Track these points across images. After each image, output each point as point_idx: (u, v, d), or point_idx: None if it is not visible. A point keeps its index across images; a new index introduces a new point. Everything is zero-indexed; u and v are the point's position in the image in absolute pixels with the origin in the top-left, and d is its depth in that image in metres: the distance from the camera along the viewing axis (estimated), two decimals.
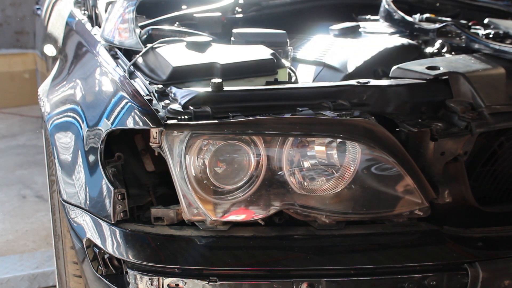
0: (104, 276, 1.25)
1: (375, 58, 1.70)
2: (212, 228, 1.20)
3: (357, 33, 1.94)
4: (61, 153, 1.49)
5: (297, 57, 1.85)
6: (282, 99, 1.26)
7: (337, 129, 1.18)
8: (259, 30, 1.76)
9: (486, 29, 2.07)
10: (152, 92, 1.27)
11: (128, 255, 1.17)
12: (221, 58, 1.43)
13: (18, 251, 2.78)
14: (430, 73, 1.34)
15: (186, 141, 1.16)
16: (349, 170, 1.20)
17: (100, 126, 1.32)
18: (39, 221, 3.10)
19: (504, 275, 1.19)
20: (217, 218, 1.19)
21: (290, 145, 1.19)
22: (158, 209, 1.25)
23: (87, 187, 1.31)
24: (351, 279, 1.16)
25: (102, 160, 1.26)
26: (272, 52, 1.51)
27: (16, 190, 3.54)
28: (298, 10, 2.34)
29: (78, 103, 1.55)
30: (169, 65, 1.39)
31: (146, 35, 1.71)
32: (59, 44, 2.33)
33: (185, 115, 1.16)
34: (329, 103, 1.24)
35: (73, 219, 1.35)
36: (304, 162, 1.21)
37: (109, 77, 1.47)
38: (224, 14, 2.07)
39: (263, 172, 1.19)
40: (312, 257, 1.17)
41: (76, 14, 2.26)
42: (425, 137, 1.24)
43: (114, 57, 1.59)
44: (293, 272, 1.16)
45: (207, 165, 1.17)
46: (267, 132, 1.16)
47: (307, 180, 1.21)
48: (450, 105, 1.29)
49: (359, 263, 1.18)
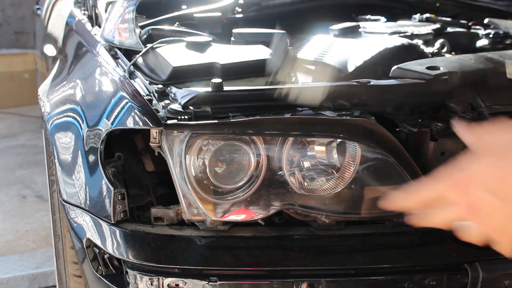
0: (104, 276, 1.25)
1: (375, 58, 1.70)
2: (212, 228, 1.20)
3: (357, 33, 1.94)
4: (61, 153, 1.49)
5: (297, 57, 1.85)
6: (282, 99, 1.26)
7: (337, 129, 1.18)
8: (259, 30, 1.76)
9: (486, 29, 2.07)
10: (152, 92, 1.27)
11: (128, 255, 1.17)
12: (221, 58, 1.43)
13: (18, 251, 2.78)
14: (430, 73, 1.34)
15: (186, 141, 1.16)
16: (349, 170, 1.20)
17: (100, 126, 1.32)
18: (39, 221, 3.10)
19: (504, 275, 1.19)
20: (217, 218, 1.19)
21: (290, 145, 1.19)
22: (158, 209, 1.25)
23: (87, 187, 1.31)
24: (351, 279, 1.16)
25: (102, 160, 1.26)
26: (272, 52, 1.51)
27: (16, 190, 3.54)
28: (298, 10, 2.34)
29: (78, 103, 1.55)
30: (169, 65, 1.39)
31: (146, 35, 1.71)
32: (59, 44, 2.34)
33: (185, 115, 1.16)
34: (329, 103, 1.24)
35: (73, 219, 1.35)
36: (304, 162, 1.21)
37: (109, 77, 1.47)
38: (224, 14, 2.07)
39: (263, 172, 1.19)
40: (312, 257, 1.17)
41: (76, 14, 2.26)
42: (425, 137, 1.24)
43: (114, 57, 1.59)
44: (293, 272, 1.16)
45: (207, 165, 1.17)
46: (267, 132, 1.16)
47: (307, 180, 1.21)
48: (450, 105, 1.29)
49: (359, 263, 1.18)
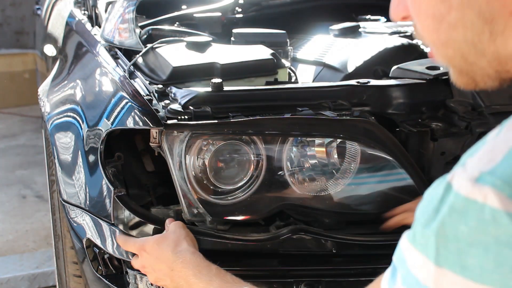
0: (104, 276, 1.25)
1: (375, 58, 1.70)
2: (212, 228, 1.20)
3: (357, 33, 1.94)
4: (61, 153, 1.49)
5: (297, 57, 1.85)
6: (282, 99, 1.26)
7: (337, 129, 1.18)
8: (259, 30, 1.76)
9: None
10: (152, 92, 1.27)
11: (128, 255, 1.17)
12: (221, 58, 1.43)
13: (18, 251, 2.78)
14: (430, 73, 1.34)
15: (186, 141, 1.16)
16: (349, 170, 1.20)
17: (100, 126, 1.32)
18: (39, 221, 3.10)
19: None
20: (217, 218, 1.19)
21: (290, 145, 1.19)
22: (158, 209, 1.25)
23: (87, 187, 1.31)
24: (351, 279, 1.16)
25: (102, 160, 1.26)
26: (272, 52, 1.51)
27: (16, 190, 3.54)
28: (298, 10, 2.34)
29: (78, 103, 1.55)
30: (169, 65, 1.39)
31: (146, 35, 1.71)
32: (59, 44, 2.34)
33: (185, 115, 1.16)
34: (329, 103, 1.24)
35: (73, 219, 1.35)
36: (304, 162, 1.21)
37: (109, 77, 1.47)
38: (224, 14, 2.07)
39: (263, 172, 1.19)
40: (312, 257, 1.17)
41: (76, 14, 2.26)
42: (425, 137, 1.24)
43: (114, 57, 1.59)
44: (293, 272, 1.16)
45: (207, 165, 1.17)
46: (267, 132, 1.16)
47: (307, 180, 1.21)
48: (450, 105, 1.29)
49: (359, 263, 1.18)
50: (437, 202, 0.49)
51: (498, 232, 0.45)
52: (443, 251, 0.48)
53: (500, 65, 0.57)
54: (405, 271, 0.53)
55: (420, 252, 0.50)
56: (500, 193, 0.44)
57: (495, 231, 0.45)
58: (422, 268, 0.50)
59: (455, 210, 0.47)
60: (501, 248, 0.45)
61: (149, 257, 1.07)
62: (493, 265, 0.45)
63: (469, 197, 0.46)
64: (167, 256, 1.03)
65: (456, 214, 0.47)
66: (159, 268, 1.05)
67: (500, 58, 0.56)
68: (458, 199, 0.47)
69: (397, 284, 0.54)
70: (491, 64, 0.57)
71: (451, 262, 0.48)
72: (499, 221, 0.45)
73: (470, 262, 0.46)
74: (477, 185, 0.46)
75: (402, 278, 0.54)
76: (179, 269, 1.01)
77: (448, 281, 0.48)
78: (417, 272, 0.51)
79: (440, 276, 0.49)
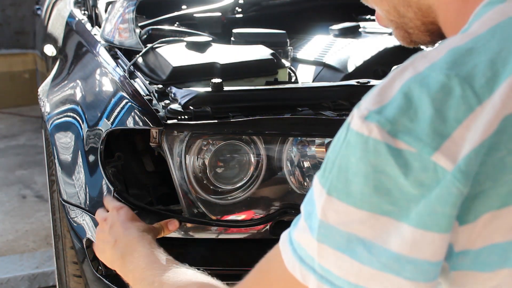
0: (104, 276, 1.25)
1: (375, 58, 1.70)
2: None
3: (357, 33, 1.94)
4: (61, 153, 1.49)
5: (297, 57, 1.85)
6: (282, 99, 1.26)
7: (337, 129, 1.17)
8: (259, 30, 1.76)
9: None
10: (152, 92, 1.27)
11: None
12: (221, 58, 1.43)
13: (18, 251, 2.78)
14: None
15: (186, 141, 1.16)
16: None
17: (100, 126, 1.32)
18: (39, 221, 3.10)
19: None
20: (217, 218, 1.19)
21: (290, 145, 1.19)
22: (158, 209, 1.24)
23: (87, 187, 1.31)
24: None
25: (102, 160, 1.26)
26: (272, 52, 1.51)
27: (16, 190, 3.54)
28: (298, 10, 2.34)
29: (78, 103, 1.55)
30: (169, 65, 1.39)
31: (146, 35, 1.71)
32: (59, 44, 2.34)
33: (185, 115, 1.16)
34: (329, 103, 1.24)
35: (73, 219, 1.35)
36: (304, 162, 1.21)
37: (109, 77, 1.47)
38: (224, 14, 2.07)
39: (263, 172, 1.19)
40: None
41: (76, 14, 2.26)
42: None
43: (114, 57, 1.59)
44: None
45: (207, 165, 1.17)
46: (267, 132, 1.16)
47: (307, 180, 1.21)
48: None
49: None
50: (341, 139, 0.55)
51: (376, 161, 0.50)
52: (335, 181, 0.53)
53: (423, 16, 0.63)
54: (311, 206, 0.57)
55: (321, 185, 0.55)
56: (382, 129, 0.50)
57: (374, 160, 0.50)
58: (319, 198, 0.55)
59: (349, 144, 0.53)
60: (378, 175, 0.50)
61: (117, 221, 1.03)
62: (371, 191, 0.51)
63: (358, 131, 0.52)
64: (131, 231, 1.00)
65: (349, 147, 0.53)
66: (115, 233, 1.01)
67: (422, 8, 0.63)
68: (352, 134, 0.53)
69: (301, 219, 0.58)
70: (416, 14, 0.64)
71: (339, 191, 0.53)
72: (379, 151, 0.50)
73: (353, 189, 0.52)
74: (366, 121, 0.52)
75: (305, 210, 0.58)
76: (126, 241, 0.98)
77: (333, 208, 0.53)
78: (316, 203, 0.55)
79: (327, 203, 0.53)
